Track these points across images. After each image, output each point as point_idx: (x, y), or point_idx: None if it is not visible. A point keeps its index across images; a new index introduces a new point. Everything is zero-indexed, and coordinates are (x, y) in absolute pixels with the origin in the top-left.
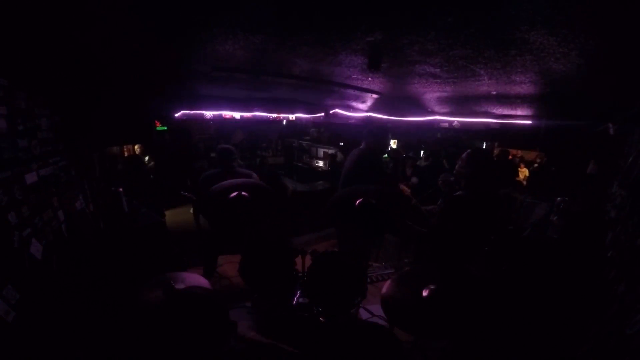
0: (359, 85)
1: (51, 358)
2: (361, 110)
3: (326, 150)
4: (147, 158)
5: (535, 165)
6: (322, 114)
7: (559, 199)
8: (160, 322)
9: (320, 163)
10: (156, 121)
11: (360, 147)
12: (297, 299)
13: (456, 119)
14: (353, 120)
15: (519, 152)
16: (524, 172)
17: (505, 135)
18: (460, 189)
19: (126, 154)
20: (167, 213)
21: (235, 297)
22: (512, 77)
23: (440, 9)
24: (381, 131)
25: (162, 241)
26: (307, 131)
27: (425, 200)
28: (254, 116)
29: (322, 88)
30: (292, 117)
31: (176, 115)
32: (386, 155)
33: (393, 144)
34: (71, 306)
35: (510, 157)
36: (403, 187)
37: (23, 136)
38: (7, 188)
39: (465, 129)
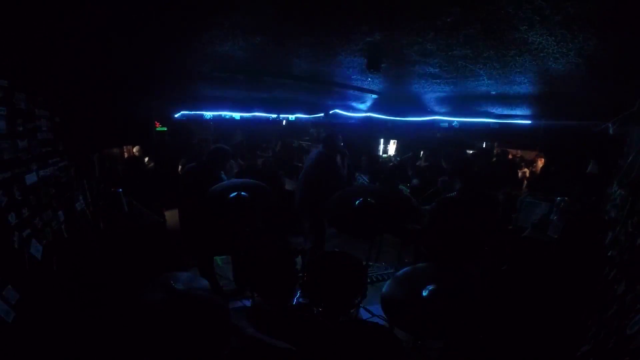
0: (358, 85)
1: (51, 358)
2: (361, 110)
3: None
4: (146, 159)
5: (536, 165)
6: (322, 115)
7: (558, 199)
8: (161, 322)
9: None
10: (156, 122)
11: (319, 150)
12: (297, 299)
13: (456, 119)
14: (353, 121)
15: (519, 152)
16: (524, 172)
17: (505, 135)
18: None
19: (126, 154)
20: (167, 214)
21: (235, 297)
22: (511, 77)
23: (440, 9)
24: (333, 134)
25: (161, 242)
26: (307, 131)
27: (425, 200)
28: (254, 116)
29: (322, 88)
30: (292, 117)
31: (176, 115)
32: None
33: (393, 144)
34: (71, 306)
35: (510, 156)
36: (402, 187)
37: (23, 137)
38: (7, 189)
39: (465, 129)
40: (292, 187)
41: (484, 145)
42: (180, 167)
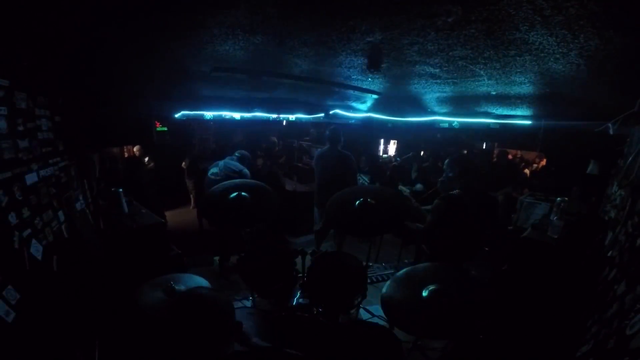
0: (358, 85)
1: (51, 358)
2: (361, 110)
3: None
4: (147, 159)
5: (535, 165)
6: (322, 115)
7: (559, 199)
8: (164, 322)
9: None
10: (156, 122)
11: (327, 149)
12: (297, 299)
13: (456, 119)
14: (353, 121)
15: (519, 153)
16: (524, 173)
17: (505, 135)
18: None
19: (126, 154)
20: (167, 214)
21: (235, 297)
22: (511, 78)
23: (440, 10)
24: (336, 130)
25: (162, 242)
26: (307, 132)
27: (425, 200)
28: (254, 117)
29: (322, 89)
30: (292, 117)
31: (176, 115)
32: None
33: (393, 144)
34: (71, 307)
35: (510, 157)
36: (402, 187)
37: (23, 137)
38: (8, 188)
39: (465, 129)
40: (292, 187)
41: (484, 146)
42: (183, 163)
